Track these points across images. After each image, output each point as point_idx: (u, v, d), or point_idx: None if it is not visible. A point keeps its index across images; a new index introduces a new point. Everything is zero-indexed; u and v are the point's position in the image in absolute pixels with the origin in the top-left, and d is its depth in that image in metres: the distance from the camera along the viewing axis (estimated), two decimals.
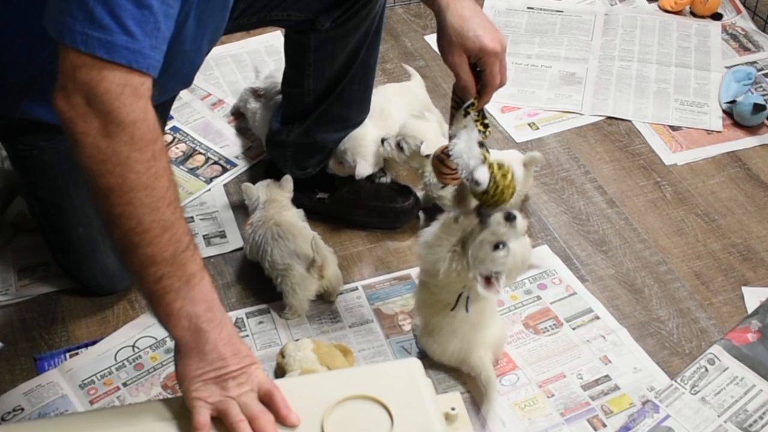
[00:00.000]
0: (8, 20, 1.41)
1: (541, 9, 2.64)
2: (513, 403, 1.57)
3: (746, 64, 2.41)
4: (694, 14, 2.61)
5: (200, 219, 1.95)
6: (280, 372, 1.57)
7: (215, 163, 2.10)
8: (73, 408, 1.56)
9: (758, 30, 2.55)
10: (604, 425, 1.53)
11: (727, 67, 2.39)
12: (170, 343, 1.25)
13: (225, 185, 2.04)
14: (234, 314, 1.72)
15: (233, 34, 2.00)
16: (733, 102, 2.23)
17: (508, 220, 1.38)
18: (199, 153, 2.12)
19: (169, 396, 1.58)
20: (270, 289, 1.73)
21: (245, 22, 1.71)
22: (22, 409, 1.56)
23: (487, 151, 1.42)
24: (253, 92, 2.10)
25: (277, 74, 2.00)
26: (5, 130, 1.61)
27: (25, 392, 1.58)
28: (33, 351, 1.67)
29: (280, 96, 1.97)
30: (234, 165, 2.09)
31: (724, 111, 2.25)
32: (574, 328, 1.70)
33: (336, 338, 1.68)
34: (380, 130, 1.90)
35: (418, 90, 2.14)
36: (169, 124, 2.17)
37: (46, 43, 1.16)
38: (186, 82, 1.62)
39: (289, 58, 1.86)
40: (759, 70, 2.37)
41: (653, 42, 2.50)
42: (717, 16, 2.59)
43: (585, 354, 1.65)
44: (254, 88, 2.10)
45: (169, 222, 1.15)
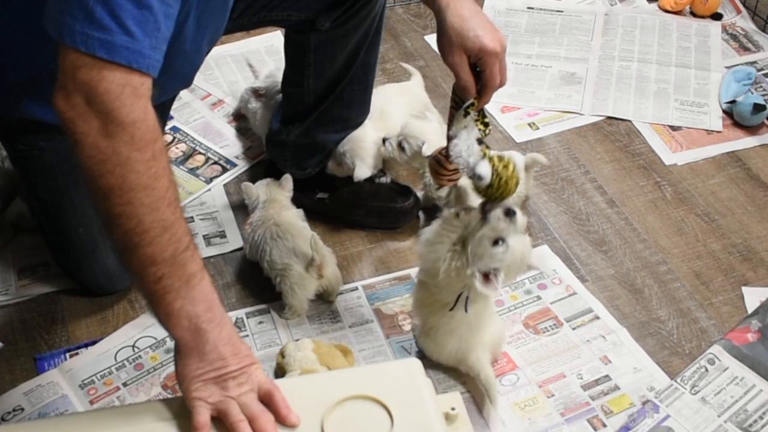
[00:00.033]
0: (8, 20, 1.41)
1: (541, 9, 2.64)
2: (513, 403, 1.57)
3: (746, 64, 2.41)
4: (694, 14, 2.61)
5: (200, 219, 1.95)
6: (280, 372, 1.57)
7: (215, 163, 2.10)
8: (73, 408, 1.56)
9: (758, 30, 2.55)
10: (604, 425, 1.53)
11: (727, 67, 2.39)
12: (170, 343, 1.25)
13: (225, 185, 2.04)
14: (234, 314, 1.72)
15: (233, 34, 2.00)
16: (733, 102, 2.23)
17: (508, 215, 1.38)
18: (199, 153, 2.12)
19: (169, 396, 1.58)
20: (270, 289, 1.73)
21: (245, 22, 1.71)
22: (22, 409, 1.55)
23: (487, 147, 1.42)
24: (254, 92, 2.10)
25: (277, 74, 2.00)
26: (5, 130, 1.61)
27: (25, 392, 1.58)
28: (33, 351, 1.67)
29: (280, 95, 1.97)
30: (234, 165, 2.09)
31: (724, 111, 2.25)
32: (574, 328, 1.70)
33: (336, 338, 1.68)
34: (380, 132, 1.90)
35: (417, 90, 2.14)
36: (169, 124, 2.17)
37: (46, 43, 1.16)
38: (186, 82, 1.62)
39: (289, 58, 1.86)
40: (759, 70, 2.37)
41: (653, 42, 2.49)
42: (717, 16, 2.59)
43: (585, 354, 1.65)
44: (255, 87, 2.10)
45: (169, 222, 1.15)
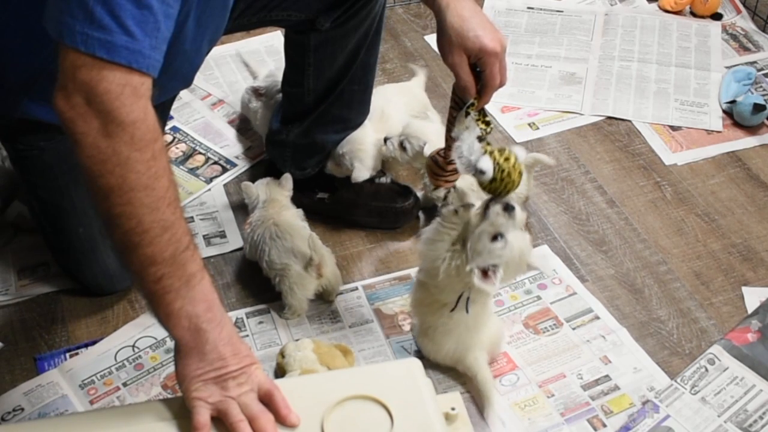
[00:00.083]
0: (8, 20, 1.41)
1: (541, 9, 2.64)
2: (513, 403, 1.57)
3: (746, 64, 2.41)
4: (694, 14, 2.61)
5: (200, 219, 1.95)
6: (280, 372, 1.57)
7: (215, 163, 2.10)
8: (73, 408, 1.56)
9: (758, 30, 2.55)
10: (604, 425, 1.53)
11: (727, 67, 2.39)
12: (170, 343, 1.25)
13: (225, 185, 2.04)
14: (234, 314, 1.72)
15: (233, 34, 2.00)
16: (733, 102, 2.23)
17: (507, 210, 1.39)
18: (199, 153, 2.12)
19: (169, 396, 1.58)
20: (270, 289, 1.73)
21: (245, 22, 1.71)
22: (22, 409, 1.55)
23: (489, 144, 1.42)
24: (254, 91, 2.10)
25: (277, 73, 2.00)
26: (5, 130, 1.61)
27: (25, 392, 1.58)
28: (33, 351, 1.67)
29: (280, 95, 1.97)
30: (234, 165, 2.09)
31: (724, 111, 2.25)
32: (574, 328, 1.70)
33: (336, 338, 1.68)
34: (380, 134, 1.90)
35: (417, 90, 2.14)
36: (169, 124, 2.17)
37: (46, 43, 1.16)
38: (186, 82, 1.62)
39: (289, 58, 1.86)
40: (759, 70, 2.37)
41: (653, 42, 2.49)
42: (717, 16, 2.59)
43: (585, 354, 1.65)
44: (255, 87, 2.10)
45: (169, 222, 1.15)
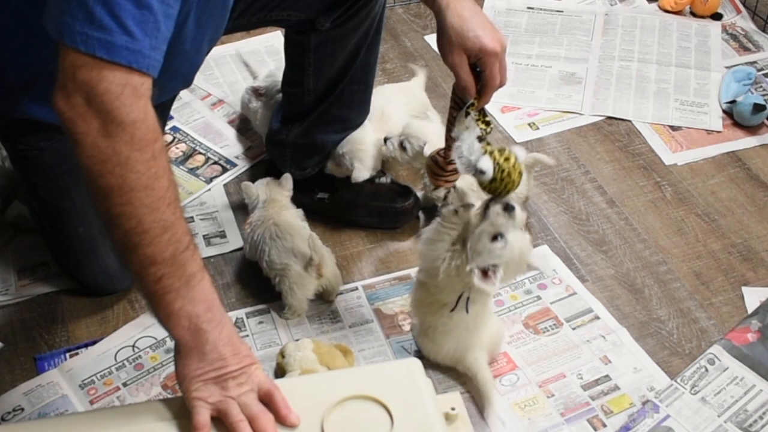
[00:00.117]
0: (8, 20, 1.41)
1: (541, 9, 2.64)
2: (513, 403, 1.57)
3: (746, 64, 2.41)
4: (694, 14, 2.61)
5: (200, 219, 1.95)
6: (280, 372, 1.57)
7: (215, 163, 2.10)
8: (73, 408, 1.56)
9: (758, 30, 2.55)
10: (604, 425, 1.53)
11: (727, 67, 2.39)
12: (170, 343, 1.25)
13: (225, 185, 2.04)
14: (234, 314, 1.72)
15: (233, 34, 2.00)
16: (733, 102, 2.23)
17: (507, 210, 1.39)
18: (199, 153, 2.12)
19: (169, 396, 1.58)
20: (270, 289, 1.73)
21: (245, 22, 1.71)
22: (22, 409, 1.55)
23: (489, 144, 1.42)
24: (254, 91, 2.10)
25: (277, 73, 2.00)
26: (5, 130, 1.61)
27: (25, 392, 1.58)
28: (33, 351, 1.67)
29: (280, 95, 1.97)
30: (234, 165, 2.09)
31: (724, 111, 2.25)
32: (574, 328, 1.70)
33: (336, 338, 1.68)
34: (380, 134, 1.90)
35: (417, 91, 2.14)
36: (169, 124, 2.17)
37: (46, 43, 1.16)
38: (186, 82, 1.62)
39: (289, 58, 1.86)
40: (759, 70, 2.37)
41: (653, 42, 2.49)
42: (717, 16, 2.59)
43: (585, 354, 1.65)
44: (255, 87, 2.10)
45: (169, 222, 1.15)
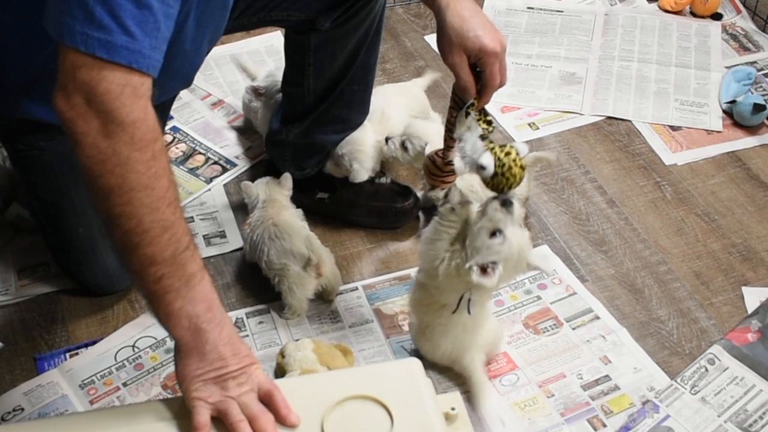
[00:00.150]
0: (8, 20, 1.41)
1: (541, 9, 2.64)
2: (513, 403, 1.57)
3: (746, 64, 2.41)
4: (694, 14, 2.61)
5: (200, 219, 1.95)
6: (280, 372, 1.57)
7: (215, 163, 2.10)
8: (73, 408, 1.56)
9: (758, 30, 2.55)
10: (604, 425, 1.53)
11: (727, 67, 2.39)
12: (170, 343, 1.25)
13: (225, 185, 2.04)
14: (234, 314, 1.72)
15: (233, 34, 2.00)
16: (733, 102, 2.23)
17: (505, 206, 1.39)
18: (199, 153, 2.12)
19: (169, 396, 1.58)
20: (270, 289, 1.73)
21: (245, 22, 1.71)
22: (22, 409, 1.55)
23: (491, 141, 1.42)
24: (254, 91, 2.10)
25: (277, 73, 2.00)
26: (5, 130, 1.61)
27: (25, 392, 1.58)
28: (33, 351, 1.67)
29: (280, 95, 1.97)
30: (234, 165, 2.09)
31: (724, 111, 2.25)
32: (574, 328, 1.70)
33: (336, 338, 1.68)
34: (379, 135, 1.90)
35: (417, 91, 2.14)
36: (169, 124, 2.17)
37: (46, 43, 1.16)
38: (186, 82, 1.62)
39: (289, 58, 1.86)
40: (759, 70, 2.37)
41: (653, 42, 2.49)
42: (717, 16, 2.59)
43: (585, 354, 1.65)
44: (255, 86, 2.10)
45: (169, 222, 1.15)
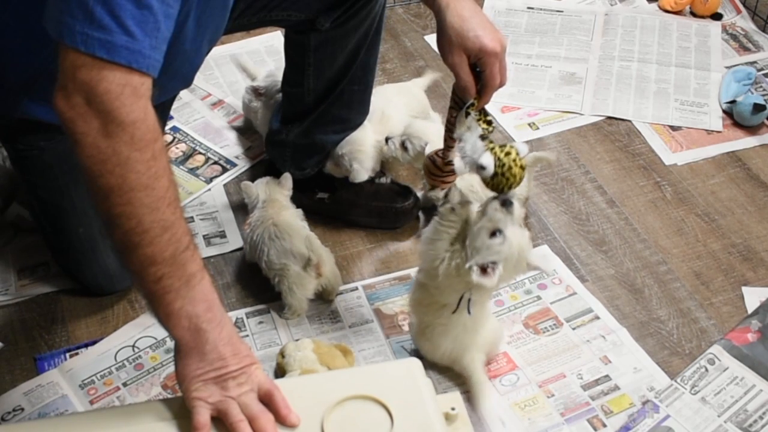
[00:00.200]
0: (8, 20, 1.41)
1: (541, 9, 2.64)
2: (513, 403, 1.57)
3: (746, 64, 2.41)
4: (694, 14, 2.61)
5: (200, 219, 1.95)
6: (280, 372, 1.57)
7: (215, 163, 2.10)
8: (73, 408, 1.56)
9: (758, 30, 2.55)
10: (604, 425, 1.53)
11: (727, 67, 2.39)
12: (170, 343, 1.25)
13: (225, 185, 2.04)
14: (234, 314, 1.72)
15: (233, 34, 2.00)
16: (733, 102, 2.23)
17: (505, 205, 1.39)
18: (199, 153, 2.12)
19: (169, 396, 1.58)
20: (270, 289, 1.73)
21: (245, 22, 1.71)
22: (22, 409, 1.55)
23: (491, 141, 1.42)
24: (254, 90, 2.10)
25: (277, 73, 2.00)
26: (5, 130, 1.61)
27: (25, 392, 1.58)
28: (33, 351, 1.67)
29: (280, 95, 1.97)
30: (234, 165, 2.09)
31: (724, 111, 2.25)
32: (574, 328, 1.70)
33: (336, 338, 1.68)
34: (379, 135, 1.90)
35: (416, 91, 2.14)
36: (169, 124, 2.17)
37: (46, 43, 1.16)
38: (186, 82, 1.62)
39: (289, 58, 1.86)
40: (759, 70, 2.37)
41: (653, 42, 2.49)
42: (717, 16, 2.59)
43: (585, 354, 1.65)
44: (255, 86, 2.10)
45: (169, 222, 1.15)
